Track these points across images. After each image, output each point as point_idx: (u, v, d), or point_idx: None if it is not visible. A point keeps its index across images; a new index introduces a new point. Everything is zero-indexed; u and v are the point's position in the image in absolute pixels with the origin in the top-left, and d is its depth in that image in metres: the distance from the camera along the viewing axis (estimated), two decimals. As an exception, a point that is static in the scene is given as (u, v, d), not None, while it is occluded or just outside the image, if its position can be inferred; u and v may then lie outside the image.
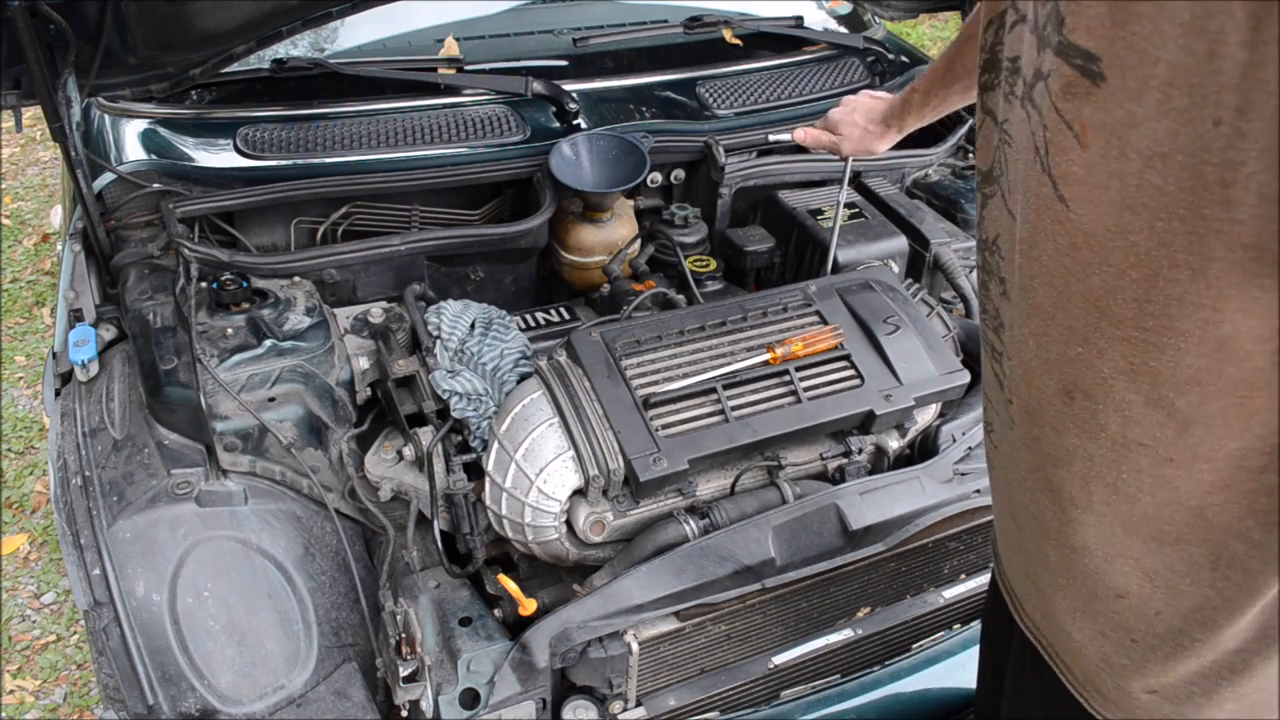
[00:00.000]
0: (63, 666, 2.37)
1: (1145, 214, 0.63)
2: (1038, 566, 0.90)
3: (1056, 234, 0.71)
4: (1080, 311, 0.71)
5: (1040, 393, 0.78)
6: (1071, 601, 0.86)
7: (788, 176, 2.10)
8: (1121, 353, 0.69)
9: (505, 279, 2.02)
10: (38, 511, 2.76)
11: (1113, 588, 0.81)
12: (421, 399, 1.57)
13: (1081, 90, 0.65)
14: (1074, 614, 0.87)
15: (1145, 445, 0.71)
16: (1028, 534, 0.90)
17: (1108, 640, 0.84)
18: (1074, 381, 0.74)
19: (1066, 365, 0.74)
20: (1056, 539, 0.84)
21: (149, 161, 1.87)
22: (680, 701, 1.44)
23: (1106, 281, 0.68)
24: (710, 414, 1.42)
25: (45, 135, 4.51)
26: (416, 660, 1.22)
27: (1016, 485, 0.89)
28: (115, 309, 1.67)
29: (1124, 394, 0.70)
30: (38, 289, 3.63)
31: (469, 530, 1.47)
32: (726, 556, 1.33)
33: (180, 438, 1.46)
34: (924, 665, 1.57)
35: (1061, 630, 0.90)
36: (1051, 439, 0.79)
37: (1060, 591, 0.87)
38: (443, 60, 2.14)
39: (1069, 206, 0.69)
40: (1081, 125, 0.66)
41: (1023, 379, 0.81)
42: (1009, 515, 0.94)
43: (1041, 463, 0.82)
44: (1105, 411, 0.72)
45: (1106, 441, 0.74)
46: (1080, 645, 0.88)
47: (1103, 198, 0.66)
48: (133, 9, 1.56)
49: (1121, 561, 0.79)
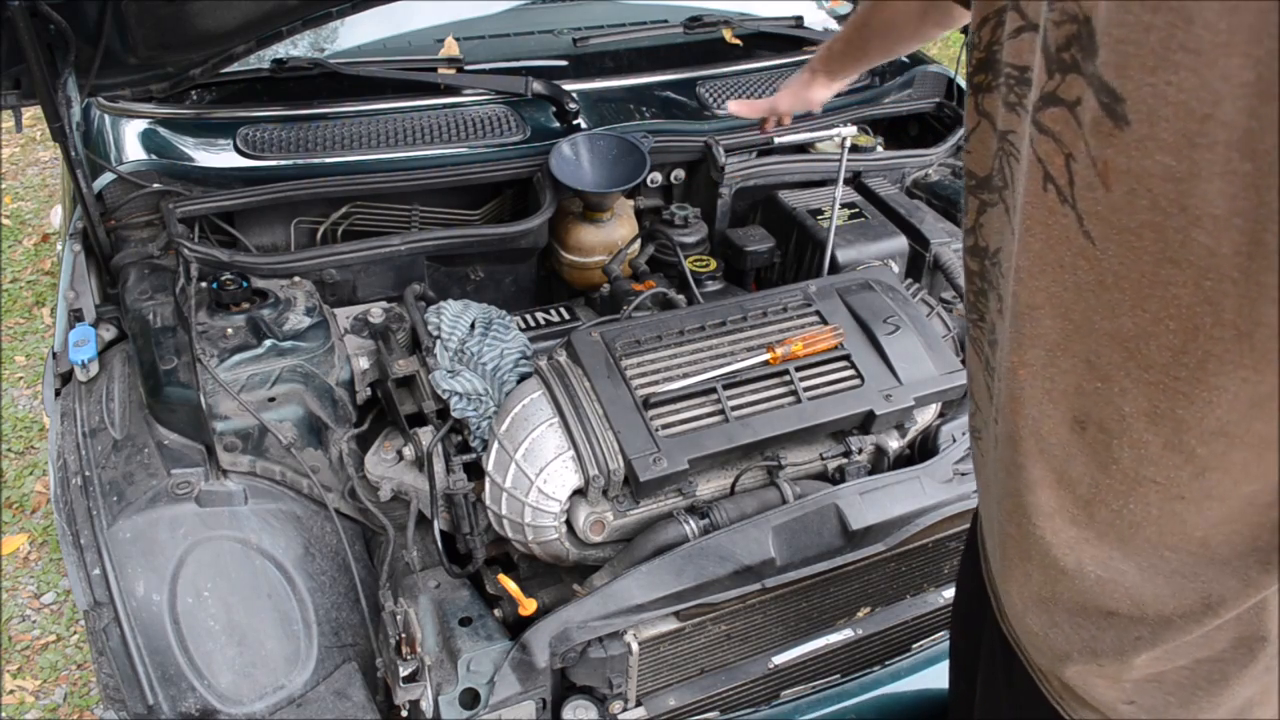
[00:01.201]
0: (63, 666, 2.37)
1: (1191, 271, 0.60)
2: (1016, 572, 0.88)
3: (1079, 268, 0.68)
4: (1105, 349, 0.68)
5: (1036, 423, 0.76)
6: (1055, 615, 0.85)
7: (788, 176, 2.10)
8: (1147, 395, 0.66)
9: (505, 279, 2.02)
10: (38, 511, 2.76)
11: (1103, 606, 0.79)
12: (421, 399, 1.57)
13: (1106, 130, 0.62)
14: (1059, 626, 0.85)
15: (1157, 483, 0.69)
16: (1012, 549, 0.88)
17: (1092, 651, 0.84)
18: (1088, 414, 0.72)
19: (1081, 398, 0.72)
20: (1041, 561, 0.82)
21: (149, 161, 1.87)
22: (680, 701, 1.44)
23: (1140, 326, 0.65)
24: (710, 414, 1.42)
25: (45, 135, 4.51)
26: (416, 660, 1.22)
27: (994, 499, 0.87)
28: (115, 309, 1.67)
29: (1142, 434, 0.68)
30: (38, 289, 3.63)
31: (469, 530, 1.47)
32: (726, 556, 1.33)
33: (180, 438, 1.46)
34: (924, 665, 1.57)
35: (1037, 634, 0.89)
36: (1037, 469, 0.77)
37: (1044, 604, 0.86)
38: (443, 60, 2.14)
39: (1097, 245, 0.66)
40: (1104, 165, 0.63)
41: (1009, 404, 0.78)
42: (991, 523, 0.93)
43: (1020, 489, 0.80)
44: (1120, 446, 0.70)
45: (1118, 474, 0.72)
46: (1061, 652, 0.87)
47: (1136, 244, 0.63)
48: (133, 9, 1.56)
49: (1114, 586, 0.77)
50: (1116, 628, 0.80)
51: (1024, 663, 0.94)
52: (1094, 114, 0.63)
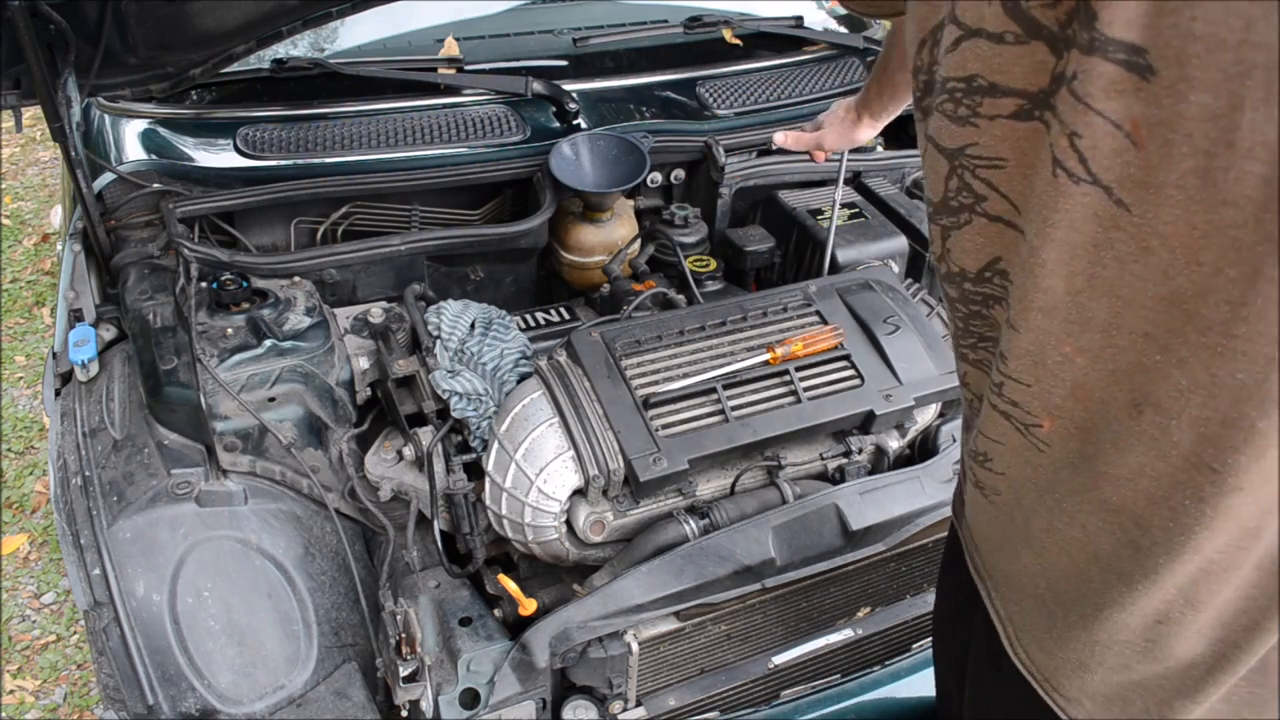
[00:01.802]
0: (63, 666, 2.37)
1: (1249, 207, 0.57)
2: (1066, 594, 0.84)
3: (1116, 241, 0.65)
4: (1159, 317, 0.65)
5: (1104, 407, 0.72)
6: (1095, 634, 0.81)
7: (788, 176, 2.10)
8: (1204, 363, 0.63)
9: (505, 279, 2.02)
10: (38, 511, 2.76)
11: (1153, 613, 0.76)
12: (421, 399, 1.57)
13: (1128, 87, 0.60)
14: (1094, 645, 0.81)
15: (1214, 469, 0.66)
16: (1054, 561, 0.84)
17: (1138, 666, 0.81)
18: (1145, 394, 0.68)
19: (1140, 375, 0.68)
20: (1107, 564, 0.78)
21: (149, 161, 1.87)
22: (680, 701, 1.44)
23: (1196, 282, 0.62)
24: (710, 414, 1.42)
25: (45, 135, 4.51)
26: (416, 660, 1.22)
27: (1045, 511, 0.82)
28: (115, 309, 1.67)
29: (1201, 409, 0.65)
30: (38, 289, 3.63)
31: (469, 530, 1.47)
32: (726, 556, 1.33)
33: (180, 438, 1.46)
34: (924, 665, 1.57)
35: (1070, 661, 0.85)
36: (1113, 457, 0.73)
37: (1085, 622, 0.81)
38: (443, 60, 2.14)
39: (1131, 211, 0.63)
40: (1133, 124, 0.61)
41: (1071, 396, 0.74)
42: (1023, 545, 0.87)
43: (1095, 482, 0.76)
44: (1180, 428, 0.67)
45: (1177, 460, 0.68)
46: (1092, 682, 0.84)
47: (1180, 197, 0.60)
48: (133, 9, 1.56)
49: (1170, 588, 0.74)
50: (1170, 634, 0.77)
51: (1012, 654, 0.93)
52: (1109, 77, 0.61)
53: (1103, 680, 0.84)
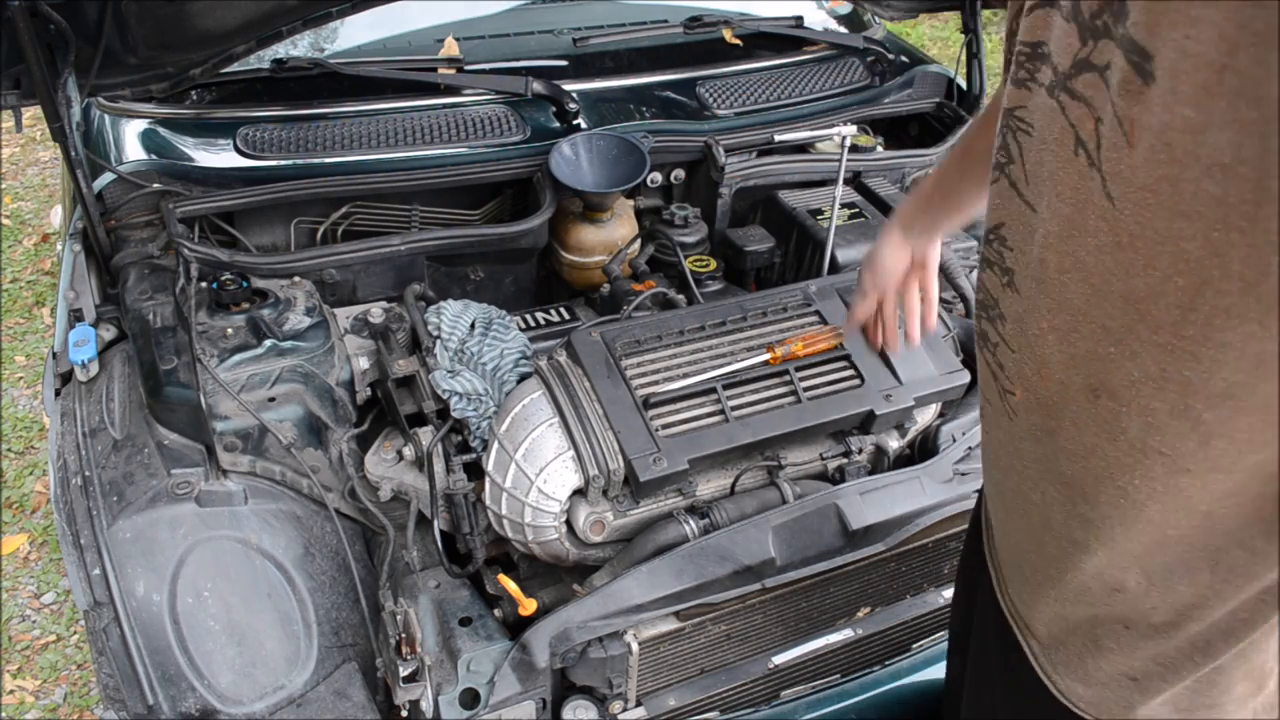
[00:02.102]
0: (63, 666, 2.37)
1: (1200, 222, 0.61)
2: (1030, 554, 0.90)
3: (1100, 231, 0.69)
4: (1117, 311, 0.70)
5: (1064, 388, 0.77)
6: (1062, 591, 0.86)
7: (788, 176, 2.10)
8: (1154, 358, 0.68)
9: (505, 279, 2.02)
10: (38, 511, 2.76)
11: (1109, 582, 0.81)
12: (421, 399, 1.57)
13: (1134, 88, 0.64)
14: (1063, 601, 0.87)
15: (1163, 454, 0.70)
16: (1020, 522, 0.90)
17: (1099, 626, 0.85)
18: (1101, 381, 0.73)
19: (1096, 363, 0.73)
20: (1059, 531, 0.83)
21: (149, 161, 1.87)
22: (680, 701, 1.44)
23: (1151, 285, 0.66)
24: (710, 414, 1.42)
25: (45, 135, 4.50)
26: (416, 660, 1.22)
27: (1014, 474, 0.88)
28: (115, 309, 1.67)
29: (1150, 400, 0.69)
30: (38, 289, 3.63)
31: (469, 530, 1.47)
32: (726, 556, 1.33)
33: (180, 438, 1.46)
34: (924, 665, 1.58)
35: (1043, 614, 0.91)
36: (1071, 433, 0.78)
37: (1051, 581, 0.87)
38: (443, 60, 2.14)
39: (1115, 205, 0.67)
40: (1130, 124, 0.64)
41: (1037, 372, 0.80)
42: (999, 500, 0.95)
43: (1054, 455, 0.81)
44: (1129, 415, 0.71)
45: (1125, 445, 0.73)
46: (1060, 632, 0.89)
47: (1152, 201, 0.64)
48: (133, 9, 1.56)
49: (1121, 559, 0.79)
50: (1128, 604, 0.81)
51: (1019, 639, 0.96)
52: (1123, 74, 0.64)
53: (1071, 634, 0.89)
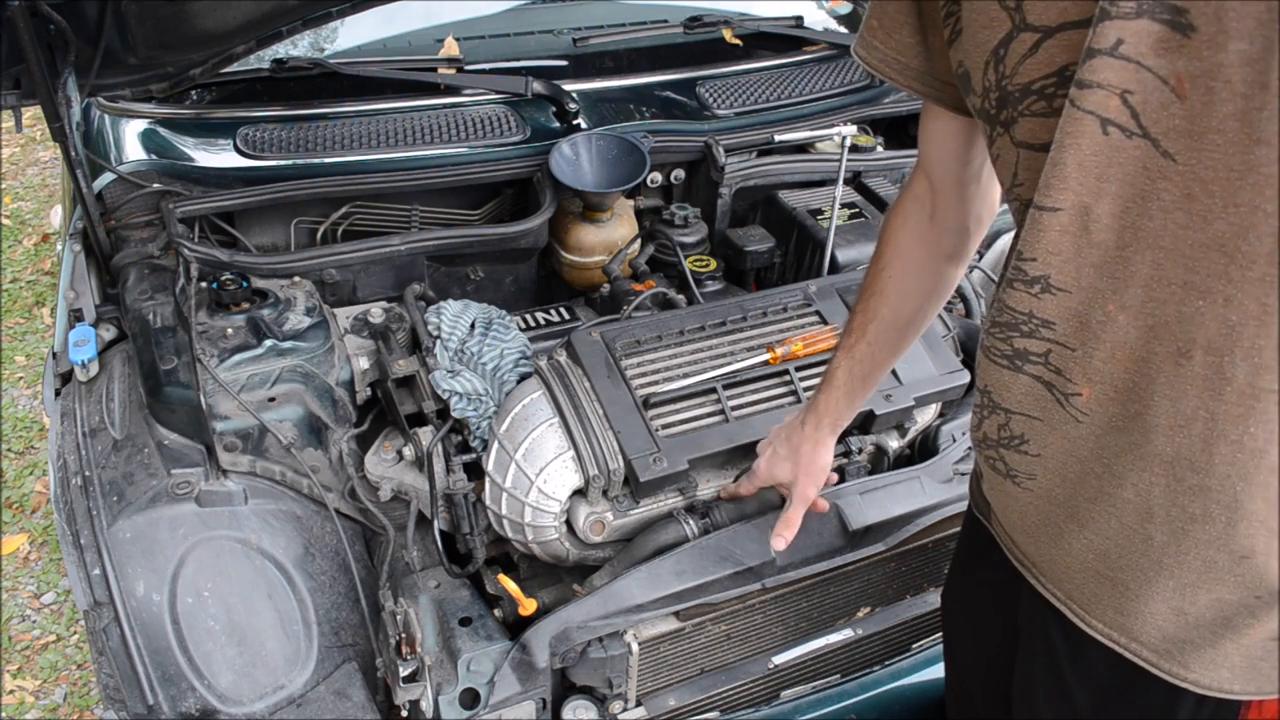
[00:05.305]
0: (63, 666, 2.36)
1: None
2: (1128, 557, 0.85)
3: (1162, 191, 0.71)
4: (1201, 263, 0.70)
5: (1144, 364, 0.77)
6: (1181, 579, 0.83)
7: (788, 176, 2.10)
8: (1253, 295, 0.69)
9: (505, 279, 2.02)
10: (38, 511, 2.76)
11: (1237, 550, 0.79)
12: (421, 399, 1.57)
13: (1173, 44, 0.66)
14: (1181, 591, 0.84)
15: (1275, 391, 0.71)
16: (1107, 527, 0.86)
17: (1226, 604, 0.82)
18: (1193, 339, 0.73)
19: (1183, 324, 0.73)
20: (1166, 515, 0.81)
21: (149, 161, 1.87)
22: (680, 701, 1.44)
23: (1235, 223, 0.67)
24: (710, 414, 1.42)
25: (45, 135, 4.50)
26: (416, 660, 1.22)
27: (1093, 478, 0.85)
28: (115, 309, 1.67)
29: (1254, 340, 0.70)
30: (38, 289, 3.63)
31: (469, 530, 1.47)
32: (726, 556, 1.33)
33: (180, 438, 1.46)
34: (924, 665, 1.57)
35: (1154, 616, 0.87)
36: (1164, 406, 0.77)
37: (1166, 572, 0.84)
38: (443, 60, 2.14)
39: (1178, 160, 0.69)
40: (1177, 78, 0.66)
41: (1111, 358, 0.79)
42: (1067, 518, 0.89)
43: (1146, 437, 0.79)
44: (1231, 363, 0.72)
45: (1233, 395, 0.73)
46: (1179, 629, 0.85)
47: (1221, 141, 0.66)
48: (133, 9, 1.56)
49: (1246, 523, 0.78)
50: (1255, 570, 0.80)
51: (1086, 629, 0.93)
52: (1156, 36, 0.67)
53: (1194, 627, 0.85)
